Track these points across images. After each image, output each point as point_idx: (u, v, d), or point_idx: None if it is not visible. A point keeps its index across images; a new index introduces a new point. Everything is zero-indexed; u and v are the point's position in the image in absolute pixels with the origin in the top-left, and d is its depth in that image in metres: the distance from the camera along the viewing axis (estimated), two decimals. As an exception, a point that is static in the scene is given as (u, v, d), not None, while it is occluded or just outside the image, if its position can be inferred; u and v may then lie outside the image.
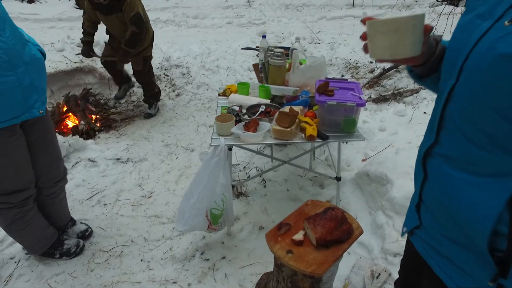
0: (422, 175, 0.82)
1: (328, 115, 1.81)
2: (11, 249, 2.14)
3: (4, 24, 1.49)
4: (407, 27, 0.69)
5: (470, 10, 0.71)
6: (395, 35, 0.70)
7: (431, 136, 0.78)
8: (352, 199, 2.37)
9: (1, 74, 1.46)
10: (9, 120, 1.56)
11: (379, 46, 0.73)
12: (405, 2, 9.22)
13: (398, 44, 0.71)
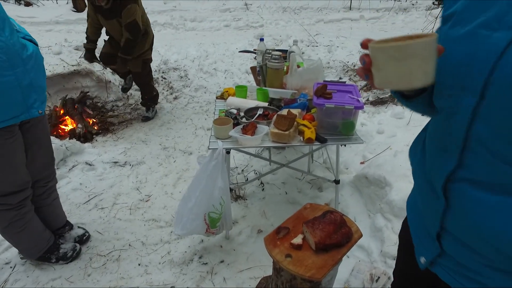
0: (443, 202, 0.73)
1: (326, 118, 1.80)
2: (7, 254, 2.12)
3: (3, 23, 1.49)
4: (430, 51, 0.60)
5: (464, 21, 0.66)
6: (414, 61, 0.60)
7: (449, 159, 0.70)
8: (350, 202, 2.37)
9: (1, 74, 1.45)
10: (8, 120, 1.56)
11: (393, 75, 0.63)
12: (402, 5, 9.28)
13: (418, 71, 0.61)
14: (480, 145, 0.64)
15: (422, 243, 0.86)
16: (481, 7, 0.63)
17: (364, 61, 0.67)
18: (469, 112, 0.64)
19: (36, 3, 8.12)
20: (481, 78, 0.61)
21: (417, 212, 0.90)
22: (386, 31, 6.77)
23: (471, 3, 0.66)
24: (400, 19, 8.04)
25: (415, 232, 0.90)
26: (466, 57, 0.63)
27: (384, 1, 9.94)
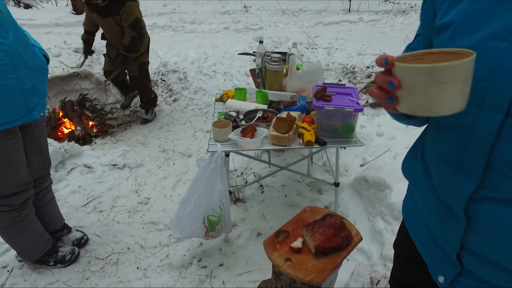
0: (464, 223, 0.70)
1: (326, 120, 1.80)
2: (4, 258, 2.10)
3: (8, 27, 1.49)
4: (472, 71, 0.54)
5: (467, 32, 0.63)
6: (460, 83, 0.54)
7: (469, 180, 0.66)
8: (350, 205, 2.36)
9: (2, 76, 1.46)
10: (10, 122, 1.56)
11: (435, 99, 0.55)
12: (400, 7, 9.31)
13: (460, 95, 0.55)
14: (505, 164, 0.60)
15: (437, 262, 0.82)
16: (485, 17, 0.61)
17: (392, 84, 0.58)
18: (494, 131, 0.60)
19: (35, 5, 8.13)
20: (509, 94, 0.57)
21: (423, 228, 0.86)
22: (385, 34, 6.78)
23: (472, 13, 0.63)
24: (399, 22, 8.06)
25: (425, 250, 0.86)
26: (484, 72, 0.59)
27: (383, 4, 9.97)
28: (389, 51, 5.03)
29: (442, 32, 0.68)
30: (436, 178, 0.76)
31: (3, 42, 1.47)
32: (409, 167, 0.91)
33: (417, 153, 0.86)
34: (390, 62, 0.58)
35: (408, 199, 0.98)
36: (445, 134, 0.71)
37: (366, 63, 4.70)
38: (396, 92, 0.59)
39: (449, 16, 0.67)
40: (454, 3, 0.67)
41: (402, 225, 1.04)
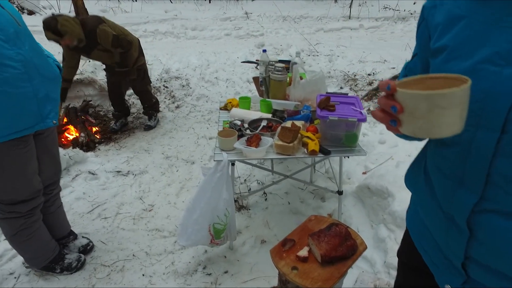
0: (467, 234, 0.73)
1: (329, 130, 1.83)
2: (11, 264, 2.12)
3: (24, 38, 1.54)
4: (468, 96, 0.58)
5: (462, 57, 0.67)
6: (457, 109, 0.58)
7: (470, 193, 0.70)
8: (353, 212, 2.38)
9: (18, 85, 1.50)
10: (24, 130, 1.59)
11: (435, 123, 0.59)
12: (400, 14, 9.39)
13: (458, 118, 0.59)
14: (503, 179, 0.64)
15: (443, 271, 0.85)
16: (477, 43, 0.65)
17: (395, 108, 0.61)
18: (491, 148, 0.64)
19: (38, 11, 8.20)
20: (503, 114, 0.61)
21: (428, 238, 0.88)
22: (386, 41, 6.84)
23: (465, 38, 0.67)
24: (399, 28, 8.13)
25: (430, 259, 0.89)
26: (478, 93, 0.63)
27: (383, 10, 10.05)
28: (390, 58, 5.08)
29: (437, 55, 0.72)
30: (438, 191, 0.79)
31: (20, 52, 1.51)
32: (412, 179, 0.93)
33: (419, 166, 0.89)
34: (393, 88, 0.61)
35: (412, 209, 1.01)
36: (445, 150, 0.74)
37: (367, 70, 4.75)
38: (399, 115, 0.62)
39: (443, 41, 0.70)
40: (447, 28, 0.70)
41: (406, 234, 1.06)
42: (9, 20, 1.48)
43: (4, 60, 1.44)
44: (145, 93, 3.83)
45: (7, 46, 1.45)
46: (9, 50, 1.46)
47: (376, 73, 4.59)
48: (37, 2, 8.40)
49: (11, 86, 1.48)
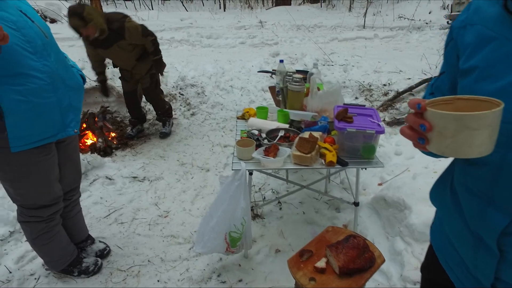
0: (496, 256, 0.72)
1: (347, 141, 1.84)
2: (31, 266, 2.18)
3: (50, 49, 1.60)
4: (499, 119, 0.59)
5: (492, 77, 0.67)
6: (487, 130, 0.58)
7: (501, 215, 0.69)
8: (369, 224, 2.37)
9: (43, 96, 1.55)
10: (47, 138, 1.65)
11: (464, 144, 0.59)
12: (415, 24, 9.34)
13: (488, 140, 0.59)
14: None
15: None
16: (507, 64, 0.65)
17: (424, 126, 0.62)
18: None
19: (60, 20, 8.45)
20: None
21: (453, 255, 0.87)
22: (401, 51, 6.81)
23: (496, 59, 0.66)
24: (414, 38, 8.09)
25: (456, 276, 0.88)
26: (510, 115, 0.63)
27: (398, 20, 10.02)
28: (405, 69, 5.06)
29: (466, 76, 0.72)
30: (466, 209, 0.78)
31: (46, 64, 1.56)
32: (437, 196, 0.93)
33: (446, 183, 0.88)
34: (423, 107, 0.62)
35: (437, 225, 0.99)
36: (475, 170, 0.73)
37: (382, 80, 4.73)
38: (427, 133, 0.63)
39: (473, 61, 0.70)
40: (477, 49, 0.70)
41: (430, 249, 1.05)
42: (38, 33, 1.54)
43: (31, 72, 1.50)
44: (157, 100, 3.88)
45: (35, 58, 1.51)
46: (36, 62, 1.51)
47: (392, 83, 4.58)
48: (59, 10, 8.66)
49: (37, 96, 1.54)
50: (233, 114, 4.41)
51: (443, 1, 10.59)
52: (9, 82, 1.44)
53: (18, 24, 1.46)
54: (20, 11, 1.50)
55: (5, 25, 1.39)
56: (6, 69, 1.42)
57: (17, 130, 1.52)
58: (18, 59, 1.44)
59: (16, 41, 1.43)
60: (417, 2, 10.59)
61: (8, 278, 2.07)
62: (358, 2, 13.40)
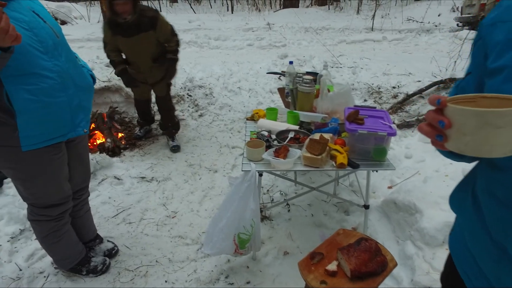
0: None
1: (358, 143, 1.82)
2: (41, 264, 2.19)
3: (61, 49, 1.60)
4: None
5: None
6: (511, 129, 0.55)
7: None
8: (378, 227, 2.34)
9: (54, 95, 1.56)
10: (57, 138, 1.65)
11: (485, 142, 0.57)
12: (424, 26, 9.28)
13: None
14: None
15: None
16: None
17: (442, 123, 0.60)
18: None
19: (70, 21, 8.55)
20: None
21: (471, 265, 0.85)
22: (410, 53, 6.76)
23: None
24: (423, 41, 8.03)
25: (473, 286, 0.86)
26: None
27: (407, 22, 9.97)
28: (414, 71, 5.02)
29: (494, 75, 0.69)
30: (489, 217, 0.74)
31: (57, 64, 1.57)
32: (457, 202, 0.89)
33: (467, 189, 0.85)
34: (443, 103, 0.61)
35: (456, 232, 0.95)
36: (502, 175, 0.70)
37: (391, 83, 4.70)
38: (446, 130, 0.61)
39: (502, 60, 0.67)
40: (508, 47, 0.67)
41: (449, 258, 1.01)
42: (49, 33, 1.55)
43: (42, 71, 1.50)
44: (171, 111, 3.71)
45: (46, 58, 1.52)
46: (47, 61, 1.52)
47: (401, 86, 4.54)
48: (69, 12, 8.76)
49: (47, 96, 1.54)
50: (241, 115, 4.41)
51: (454, 3, 10.50)
52: (21, 81, 1.45)
53: (31, 24, 1.47)
54: (33, 11, 1.52)
55: (18, 25, 1.40)
56: (18, 69, 1.42)
57: (28, 129, 1.53)
58: (30, 59, 1.45)
59: (28, 41, 1.44)
60: (427, 5, 10.53)
61: (19, 276, 2.08)
62: (366, 4, 13.36)
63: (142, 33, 3.00)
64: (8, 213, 2.48)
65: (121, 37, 3.02)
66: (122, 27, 2.93)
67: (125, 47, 3.15)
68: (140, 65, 3.28)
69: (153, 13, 3.04)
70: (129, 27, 2.92)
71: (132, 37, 3.00)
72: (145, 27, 2.99)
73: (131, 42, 3.05)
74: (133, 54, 3.22)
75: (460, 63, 4.74)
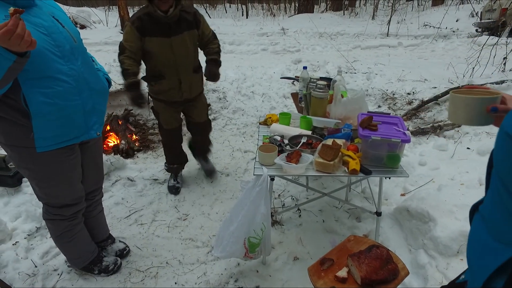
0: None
1: (371, 149, 1.80)
2: (55, 261, 2.24)
3: (78, 53, 1.65)
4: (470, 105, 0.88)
5: None
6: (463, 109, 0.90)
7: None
8: (390, 235, 2.30)
9: (69, 98, 1.60)
10: (71, 140, 1.69)
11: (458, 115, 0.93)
12: (441, 32, 9.14)
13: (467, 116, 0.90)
14: (493, 184, 0.71)
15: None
16: None
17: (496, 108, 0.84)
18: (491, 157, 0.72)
19: (89, 26, 8.76)
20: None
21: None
22: (426, 59, 6.66)
23: None
24: (440, 47, 7.91)
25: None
26: None
27: (423, 28, 9.84)
28: (430, 78, 4.94)
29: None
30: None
31: (73, 68, 1.61)
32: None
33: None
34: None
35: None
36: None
37: (406, 89, 4.63)
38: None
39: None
40: None
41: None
42: (67, 38, 1.60)
43: (59, 75, 1.55)
44: (208, 134, 3.13)
45: (62, 62, 1.56)
46: (63, 65, 1.56)
47: (416, 92, 4.48)
48: (88, 17, 9.00)
49: (62, 99, 1.58)
50: (254, 120, 4.42)
51: (473, 7, 10.31)
52: (37, 84, 1.49)
53: (49, 29, 1.52)
54: (53, 17, 1.57)
55: (37, 30, 1.46)
56: (35, 72, 1.47)
57: (43, 131, 1.57)
58: (47, 63, 1.50)
59: (46, 45, 1.49)
60: (445, 10, 10.38)
61: (34, 272, 2.13)
62: (382, 10, 13.26)
63: (185, 32, 2.42)
64: (26, 211, 2.54)
65: (158, 38, 2.36)
66: (159, 25, 2.33)
67: (162, 50, 2.41)
68: (180, 74, 2.53)
69: (194, 9, 2.57)
70: (168, 25, 2.35)
71: (173, 37, 2.38)
72: (190, 25, 2.44)
73: (173, 43, 2.39)
74: (173, 59, 2.45)
75: (478, 69, 4.64)
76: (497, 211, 0.71)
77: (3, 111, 1.52)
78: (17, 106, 1.50)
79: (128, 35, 2.37)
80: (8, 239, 2.37)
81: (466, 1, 11.78)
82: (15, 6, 1.32)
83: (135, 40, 2.36)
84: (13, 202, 2.65)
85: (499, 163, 0.69)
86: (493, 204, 0.73)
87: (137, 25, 2.33)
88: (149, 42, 2.38)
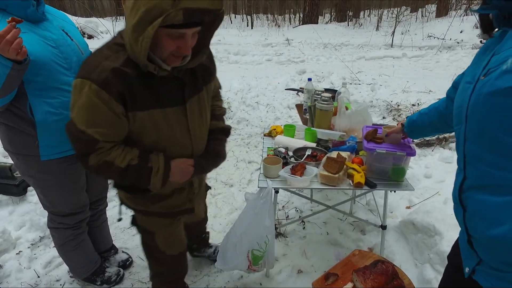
0: (461, 209, 0.96)
1: (376, 162, 1.79)
2: (58, 271, 2.23)
3: None
4: None
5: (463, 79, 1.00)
6: None
7: (460, 174, 0.96)
8: (396, 248, 2.28)
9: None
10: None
11: None
12: (446, 43, 9.15)
13: None
14: (473, 158, 0.90)
15: (465, 255, 1.03)
16: (471, 70, 1.01)
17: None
18: (462, 136, 0.93)
19: (97, 36, 8.89)
20: (464, 113, 0.91)
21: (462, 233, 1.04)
22: (431, 70, 6.67)
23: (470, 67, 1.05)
24: (444, 58, 7.91)
25: (461, 249, 1.06)
26: (460, 101, 0.95)
27: (427, 39, 9.86)
28: (435, 89, 4.94)
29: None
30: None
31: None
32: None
33: None
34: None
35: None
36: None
37: (411, 100, 4.63)
38: None
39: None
40: None
41: (456, 241, 1.21)
42: (75, 50, 1.64)
43: (64, 86, 1.58)
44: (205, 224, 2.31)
45: (68, 74, 1.60)
46: (69, 77, 1.60)
47: (421, 103, 4.47)
48: (96, 27, 9.14)
49: (67, 109, 1.59)
50: (258, 130, 4.42)
51: (477, 19, 10.32)
52: (43, 95, 1.54)
53: (58, 42, 1.57)
54: (62, 30, 1.61)
55: (46, 43, 1.52)
56: (41, 83, 1.52)
57: (47, 140, 1.61)
58: (53, 74, 1.54)
59: (54, 57, 1.54)
60: (449, 22, 10.41)
61: (36, 283, 2.13)
62: (386, 21, 13.33)
63: (204, 88, 1.46)
64: (30, 220, 2.55)
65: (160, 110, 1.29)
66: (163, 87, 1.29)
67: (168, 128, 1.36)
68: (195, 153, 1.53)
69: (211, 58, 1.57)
70: (181, 83, 1.34)
71: (189, 102, 1.38)
72: (207, 77, 1.48)
73: (188, 112, 1.39)
74: (188, 140, 1.45)
75: (483, 81, 4.63)
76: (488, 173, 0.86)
77: (10, 120, 1.56)
78: (23, 115, 1.55)
79: (93, 112, 1.23)
80: (11, 248, 2.38)
81: (470, 13, 11.82)
82: (27, 20, 1.39)
83: (113, 121, 1.24)
84: (17, 211, 2.66)
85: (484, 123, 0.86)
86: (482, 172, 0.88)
87: (117, 90, 1.19)
88: (141, 120, 1.27)
